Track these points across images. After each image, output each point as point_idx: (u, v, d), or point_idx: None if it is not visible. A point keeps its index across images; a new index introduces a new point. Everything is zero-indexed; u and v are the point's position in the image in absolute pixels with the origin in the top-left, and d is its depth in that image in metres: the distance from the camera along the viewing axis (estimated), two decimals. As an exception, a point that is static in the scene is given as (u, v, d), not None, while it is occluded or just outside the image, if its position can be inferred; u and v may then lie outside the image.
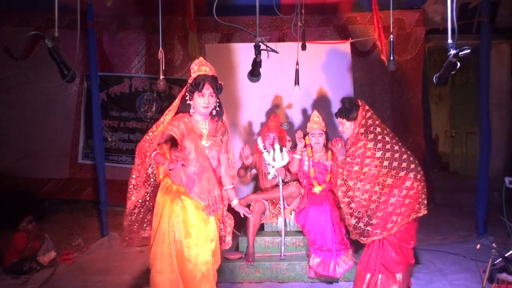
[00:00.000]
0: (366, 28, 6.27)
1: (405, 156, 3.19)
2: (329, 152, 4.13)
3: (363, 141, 3.19)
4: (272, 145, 4.21)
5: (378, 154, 3.15)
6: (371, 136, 3.18)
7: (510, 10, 6.59)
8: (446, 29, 2.06)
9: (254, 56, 2.87)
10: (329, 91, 5.12)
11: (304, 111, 5.11)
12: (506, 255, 2.86)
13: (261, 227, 4.35)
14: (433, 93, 8.49)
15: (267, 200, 4.24)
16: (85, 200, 6.83)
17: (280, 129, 4.41)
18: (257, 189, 4.77)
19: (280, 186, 4.09)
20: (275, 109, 5.08)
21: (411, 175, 3.16)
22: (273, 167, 4.11)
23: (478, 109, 4.99)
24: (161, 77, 3.96)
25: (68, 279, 4.05)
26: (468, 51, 1.98)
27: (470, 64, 6.81)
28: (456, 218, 5.83)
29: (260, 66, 3.01)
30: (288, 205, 4.24)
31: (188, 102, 2.80)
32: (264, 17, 6.24)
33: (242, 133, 5.10)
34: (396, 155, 3.17)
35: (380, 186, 3.14)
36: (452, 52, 1.99)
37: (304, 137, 4.20)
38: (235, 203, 3.08)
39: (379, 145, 3.16)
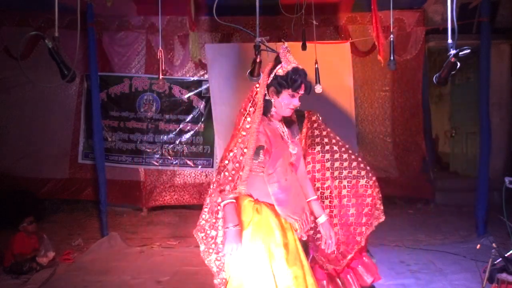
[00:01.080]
0: (366, 28, 6.27)
1: (354, 164, 3.01)
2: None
3: (311, 155, 3.00)
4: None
5: (328, 164, 2.95)
6: (318, 148, 2.99)
7: (510, 10, 6.59)
8: (446, 29, 2.06)
9: (254, 56, 2.86)
10: (329, 91, 5.11)
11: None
12: (506, 255, 2.86)
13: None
14: (433, 93, 8.49)
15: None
16: (85, 200, 6.84)
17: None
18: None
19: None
20: (275, 109, 5.07)
21: (363, 182, 2.98)
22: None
23: (478, 109, 4.99)
24: (161, 77, 3.95)
25: (68, 279, 4.06)
26: (468, 51, 1.97)
27: (470, 64, 6.80)
28: (456, 218, 5.83)
29: (260, 66, 3.00)
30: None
31: (267, 98, 2.27)
32: (264, 17, 6.24)
33: (242, 133, 5.10)
34: (345, 164, 2.99)
35: (336, 197, 2.95)
36: (452, 52, 1.99)
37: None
38: (323, 219, 2.39)
39: (327, 156, 2.97)
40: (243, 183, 2.13)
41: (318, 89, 4.36)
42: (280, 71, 2.27)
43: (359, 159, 3.09)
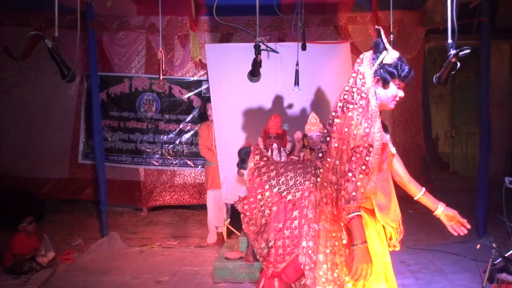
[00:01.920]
0: (366, 28, 6.27)
1: (300, 171, 2.70)
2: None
3: (260, 189, 2.80)
4: (272, 145, 4.21)
5: (275, 190, 2.72)
6: (264, 177, 2.82)
7: (510, 10, 6.60)
8: (446, 29, 2.06)
9: (254, 56, 2.86)
10: (329, 91, 5.11)
11: (304, 112, 5.10)
12: (506, 255, 2.86)
13: (261, 227, 4.35)
14: (433, 93, 8.49)
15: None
16: (85, 200, 6.84)
17: (280, 129, 4.41)
18: (257, 189, 4.75)
19: (280, 186, 4.08)
20: (275, 109, 5.07)
21: (307, 184, 2.55)
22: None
23: (478, 109, 4.99)
24: (161, 77, 3.95)
25: (68, 279, 4.05)
26: (468, 51, 1.98)
27: (470, 64, 6.81)
28: (456, 218, 5.82)
29: (260, 66, 3.01)
30: (288, 205, 4.22)
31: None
32: (264, 17, 6.24)
33: (243, 133, 5.09)
34: (291, 181, 2.68)
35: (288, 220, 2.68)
36: (452, 52, 1.99)
37: (302, 139, 4.19)
38: (440, 210, 2.23)
39: (273, 182, 2.75)
40: (373, 189, 1.88)
41: (295, 90, 4.35)
42: (387, 59, 1.98)
43: (308, 169, 2.67)
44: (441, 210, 2.19)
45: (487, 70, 4.91)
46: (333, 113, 2.00)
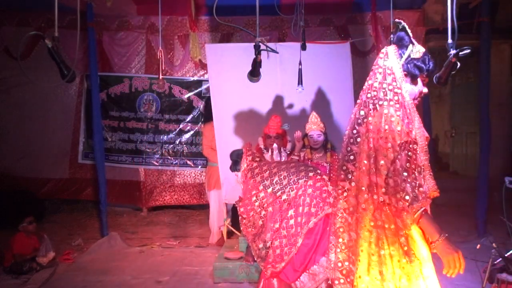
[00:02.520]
0: (366, 28, 6.27)
1: (293, 170, 2.75)
2: (329, 153, 4.12)
3: (255, 190, 2.80)
4: (272, 145, 4.21)
5: (269, 190, 2.72)
6: (258, 178, 2.82)
7: (510, 10, 6.59)
8: (446, 29, 2.06)
9: (254, 56, 2.86)
10: (329, 91, 5.10)
11: (304, 111, 5.10)
12: (506, 255, 2.86)
13: (261, 227, 4.35)
14: (433, 93, 8.49)
15: None
16: (85, 200, 6.84)
17: (281, 129, 4.41)
18: (257, 189, 4.75)
19: (280, 186, 4.08)
20: (275, 109, 5.07)
21: (301, 182, 2.65)
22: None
23: (478, 109, 4.99)
24: (161, 77, 3.94)
25: (68, 279, 4.06)
26: (468, 51, 1.97)
27: (470, 64, 6.81)
28: (456, 218, 5.82)
29: (260, 66, 3.00)
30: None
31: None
32: (264, 17, 6.24)
33: (242, 134, 5.09)
34: (284, 180, 2.72)
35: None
36: (452, 52, 1.98)
37: (303, 138, 4.19)
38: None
39: (267, 182, 2.75)
40: (433, 187, 1.80)
41: (298, 90, 4.34)
42: (415, 53, 1.91)
43: (302, 167, 2.81)
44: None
45: (487, 70, 4.91)
46: (362, 112, 1.93)
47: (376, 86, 1.90)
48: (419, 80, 1.94)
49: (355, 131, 1.94)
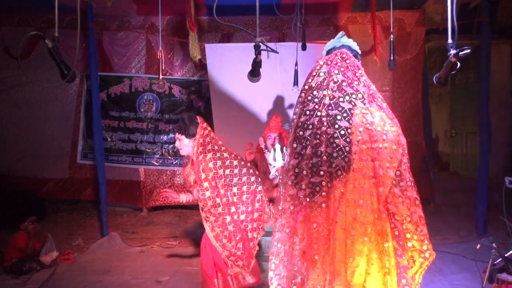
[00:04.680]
0: (366, 28, 6.27)
1: (244, 170, 3.04)
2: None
3: (203, 163, 2.96)
4: (273, 145, 4.21)
5: (220, 171, 2.95)
6: (209, 155, 2.96)
7: (510, 10, 6.59)
8: (446, 29, 2.06)
9: (254, 56, 2.86)
10: (329, 91, 5.11)
11: (304, 111, 5.10)
12: (506, 255, 2.86)
13: (261, 227, 4.34)
14: (433, 93, 8.48)
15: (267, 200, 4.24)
16: (85, 200, 6.84)
17: (282, 129, 4.41)
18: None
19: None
20: (276, 109, 5.08)
21: (253, 188, 3.04)
22: (273, 167, 4.11)
23: (478, 109, 4.99)
24: (161, 77, 3.94)
25: (68, 279, 4.05)
26: (468, 51, 1.97)
27: (470, 64, 6.81)
28: (456, 218, 5.82)
29: (260, 66, 3.00)
30: (288, 205, 4.23)
31: None
32: (264, 17, 6.24)
33: (243, 134, 5.09)
34: (236, 171, 3.00)
35: (226, 202, 2.97)
36: (452, 52, 1.99)
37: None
38: None
39: (219, 163, 2.97)
40: None
41: (294, 90, 4.36)
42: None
43: (248, 164, 3.13)
44: None
45: (487, 70, 4.90)
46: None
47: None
48: None
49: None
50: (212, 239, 2.98)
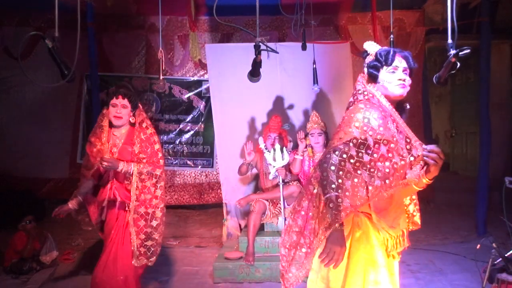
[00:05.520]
0: (366, 28, 6.27)
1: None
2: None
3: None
4: (273, 145, 4.21)
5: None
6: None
7: (510, 10, 6.59)
8: (446, 29, 2.05)
9: (254, 56, 2.86)
10: (330, 91, 5.11)
11: (305, 112, 5.10)
12: (506, 255, 2.86)
13: (261, 227, 4.35)
14: (433, 93, 8.49)
15: (267, 200, 4.25)
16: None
17: (281, 129, 4.42)
18: (257, 189, 4.76)
19: (281, 186, 4.10)
20: (275, 109, 5.08)
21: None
22: (273, 167, 4.12)
23: (478, 109, 4.99)
24: (161, 77, 3.94)
25: (68, 279, 4.05)
26: (468, 51, 1.97)
27: (470, 64, 6.81)
28: (456, 218, 5.83)
29: (260, 66, 3.00)
30: (289, 205, 4.24)
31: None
32: (264, 17, 6.25)
33: (243, 133, 5.09)
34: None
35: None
36: (452, 52, 1.98)
37: (305, 138, 4.21)
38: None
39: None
40: None
41: (314, 89, 4.39)
42: (368, 59, 2.06)
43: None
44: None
45: (487, 70, 4.90)
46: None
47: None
48: (393, 71, 1.93)
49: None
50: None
